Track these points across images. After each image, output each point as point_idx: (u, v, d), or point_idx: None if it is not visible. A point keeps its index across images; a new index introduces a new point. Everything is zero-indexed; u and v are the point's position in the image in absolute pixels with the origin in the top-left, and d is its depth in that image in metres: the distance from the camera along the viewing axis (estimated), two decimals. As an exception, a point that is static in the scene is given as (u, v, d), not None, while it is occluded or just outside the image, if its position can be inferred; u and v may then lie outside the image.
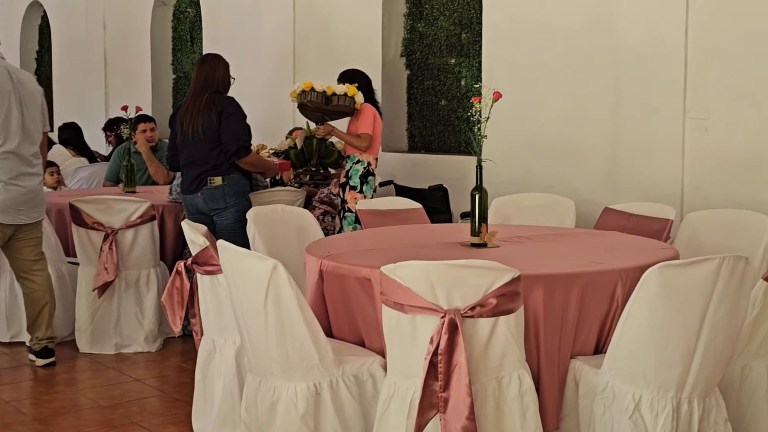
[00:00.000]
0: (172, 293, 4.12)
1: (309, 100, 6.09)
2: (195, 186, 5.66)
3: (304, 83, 6.12)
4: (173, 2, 10.62)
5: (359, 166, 6.20)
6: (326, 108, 6.13)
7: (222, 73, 5.72)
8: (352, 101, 6.12)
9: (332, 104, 6.12)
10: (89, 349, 5.73)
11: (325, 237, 4.75)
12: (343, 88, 6.09)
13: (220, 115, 5.58)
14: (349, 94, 6.11)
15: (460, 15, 7.34)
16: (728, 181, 5.26)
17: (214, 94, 5.64)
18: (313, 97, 6.08)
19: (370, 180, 6.23)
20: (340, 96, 6.10)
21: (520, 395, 3.18)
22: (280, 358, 3.38)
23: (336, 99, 6.11)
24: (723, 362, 3.34)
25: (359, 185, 6.18)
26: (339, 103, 6.11)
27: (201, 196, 5.64)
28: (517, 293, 3.12)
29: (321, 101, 6.09)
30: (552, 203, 5.62)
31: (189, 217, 5.69)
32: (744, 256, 3.21)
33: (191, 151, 5.66)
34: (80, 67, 11.76)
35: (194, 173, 5.66)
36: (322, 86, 6.09)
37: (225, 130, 5.58)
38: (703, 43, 5.35)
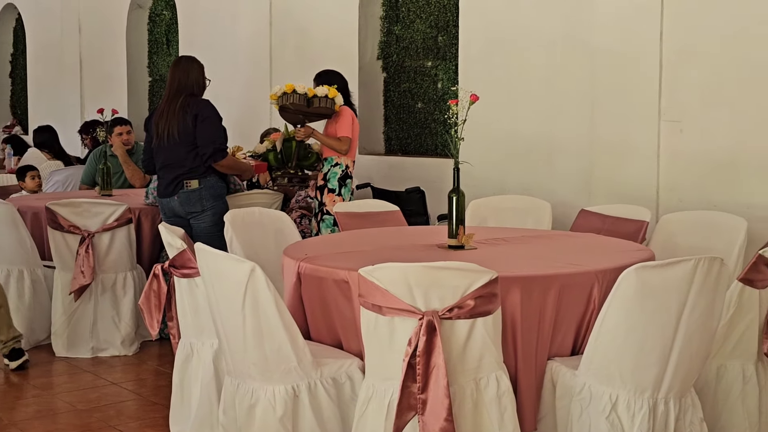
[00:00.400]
0: (150, 296, 4.10)
1: (291, 102, 6.02)
2: (171, 189, 5.65)
3: (286, 85, 6.04)
4: (149, 5, 10.59)
5: (337, 169, 6.16)
6: (307, 110, 6.07)
7: (196, 75, 5.70)
8: (332, 103, 6.07)
9: (313, 106, 6.06)
10: (66, 353, 5.70)
11: (302, 240, 4.75)
12: (324, 90, 6.04)
13: (195, 118, 5.56)
14: (330, 96, 6.06)
15: (436, 18, 7.36)
16: (703, 183, 5.30)
17: (189, 96, 5.62)
18: (295, 99, 6.01)
19: (348, 183, 6.19)
20: (321, 98, 6.05)
21: (497, 397, 3.19)
22: (258, 360, 3.38)
23: (317, 101, 6.05)
24: (699, 363, 3.37)
25: (338, 188, 6.14)
26: (320, 105, 6.05)
27: (177, 200, 5.63)
28: (495, 295, 3.13)
29: (302, 103, 6.03)
30: (528, 205, 5.65)
31: (165, 220, 5.68)
32: (719, 257, 3.24)
33: (167, 155, 5.64)
34: (55, 70, 11.70)
35: (170, 176, 5.65)
36: (304, 88, 6.04)
37: (201, 134, 5.56)
38: (678, 47, 5.39)
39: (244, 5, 8.72)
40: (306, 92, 6.02)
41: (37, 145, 9.28)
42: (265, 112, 8.35)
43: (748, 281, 3.72)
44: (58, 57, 11.62)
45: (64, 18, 11.47)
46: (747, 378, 3.83)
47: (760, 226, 4.90)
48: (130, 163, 7.40)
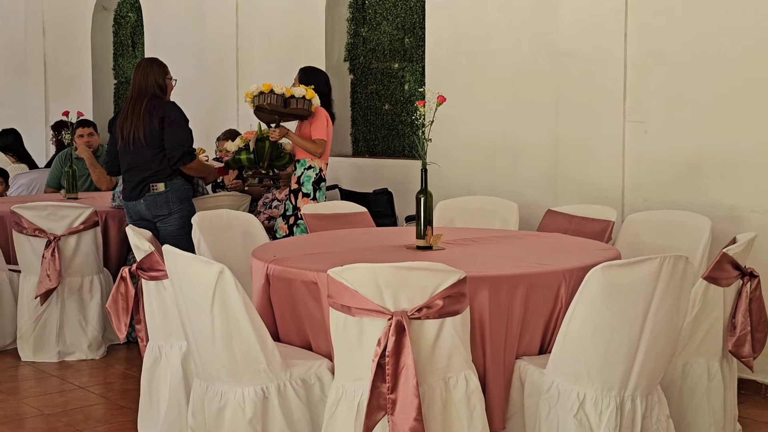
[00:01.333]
0: (117, 299, 4.08)
1: (267, 102, 5.88)
2: (137, 192, 5.63)
3: (264, 85, 5.90)
4: (114, 7, 10.53)
5: (311, 173, 6.04)
6: (283, 110, 5.94)
7: (156, 76, 5.67)
8: (309, 104, 5.95)
9: (290, 107, 5.93)
10: (32, 358, 5.66)
11: (270, 241, 4.75)
12: (302, 91, 5.92)
13: (162, 121, 5.54)
14: (308, 97, 5.94)
15: (403, 20, 7.38)
16: (667, 183, 5.35)
17: (153, 99, 5.60)
18: (272, 99, 5.87)
19: (322, 186, 6.09)
20: (298, 99, 5.92)
21: (466, 396, 3.21)
22: (228, 362, 3.38)
23: (294, 102, 5.92)
24: (665, 360, 3.41)
25: (312, 192, 6.02)
26: (297, 107, 5.93)
27: (144, 203, 5.61)
28: (463, 294, 3.15)
29: (279, 104, 5.89)
30: (495, 206, 5.68)
31: (132, 223, 5.64)
32: (684, 256, 3.28)
33: (132, 158, 5.62)
34: (19, 72, 11.59)
35: (136, 179, 5.62)
36: (282, 88, 5.90)
37: (168, 136, 5.55)
38: (642, 49, 5.44)
39: (210, 7, 8.69)
40: (283, 92, 5.90)
41: (1, 148, 9.19)
42: (232, 114, 8.33)
43: (713, 279, 3.78)
44: (22, 59, 11.52)
45: (27, 20, 11.37)
46: (712, 375, 3.89)
47: (724, 226, 4.96)
48: (97, 166, 7.36)
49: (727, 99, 5.09)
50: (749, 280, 3.87)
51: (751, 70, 5.00)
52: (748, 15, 4.99)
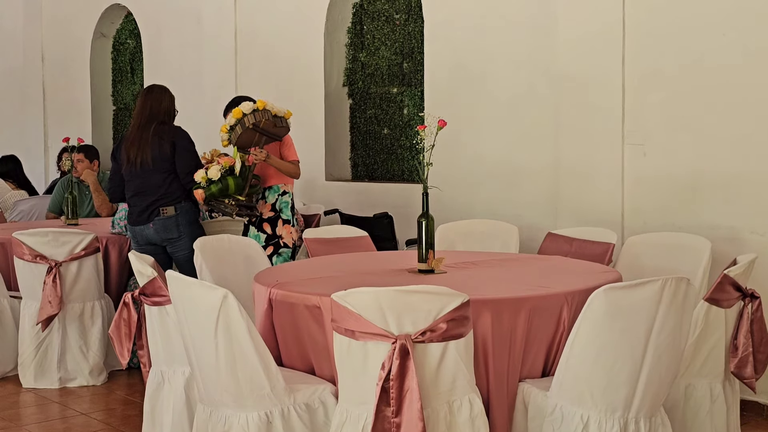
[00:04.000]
0: (120, 325, 4.09)
1: (266, 119, 5.53)
2: (146, 217, 5.64)
3: (258, 101, 5.56)
4: (113, 33, 10.58)
5: (287, 198, 5.79)
6: (271, 131, 5.64)
7: (167, 103, 5.73)
8: (288, 125, 5.70)
9: (276, 127, 5.65)
10: (33, 384, 5.65)
11: (273, 266, 4.76)
12: (284, 110, 5.67)
13: (173, 146, 5.60)
14: (287, 117, 5.68)
15: (401, 45, 7.42)
16: (667, 205, 5.37)
17: (162, 124, 5.64)
18: (268, 116, 5.53)
19: (294, 211, 5.88)
20: (281, 118, 5.64)
21: (471, 419, 3.21)
22: (231, 387, 3.38)
23: (279, 121, 5.63)
24: (668, 382, 3.41)
25: (291, 218, 5.79)
26: (281, 126, 5.64)
27: (153, 227, 5.63)
28: (467, 318, 3.16)
29: (272, 123, 5.58)
30: (496, 229, 5.69)
31: (137, 248, 5.66)
32: (686, 278, 3.29)
33: (140, 182, 5.64)
34: (18, 99, 11.63)
35: (144, 204, 5.64)
36: (272, 106, 5.57)
37: (182, 162, 5.61)
38: (640, 71, 5.47)
39: (208, 33, 8.74)
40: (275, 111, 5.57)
41: (1, 175, 9.21)
42: (231, 140, 8.35)
43: (714, 301, 3.79)
44: (21, 86, 11.56)
45: (26, 46, 11.42)
46: (714, 396, 3.89)
47: (724, 247, 4.97)
48: (101, 192, 7.37)
49: (725, 120, 5.12)
50: (750, 302, 3.89)
51: (749, 91, 5.03)
52: (746, 36, 5.03)
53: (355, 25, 7.75)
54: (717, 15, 5.14)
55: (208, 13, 8.71)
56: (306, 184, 7.74)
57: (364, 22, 7.70)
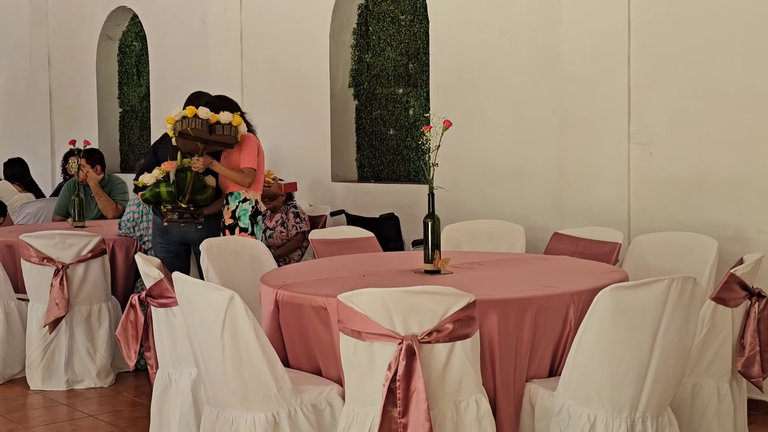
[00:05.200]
0: (127, 327, 4.09)
1: (192, 127, 5.38)
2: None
3: (187, 108, 5.43)
4: (119, 36, 10.59)
5: (247, 206, 5.57)
6: (208, 138, 5.47)
7: None
8: (236, 132, 5.53)
9: (216, 134, 5.47)
10: (41, 386, 5.66)
11: (279, 267, 4.76)
12: (229, 117, 5.50)
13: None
14: (234, 124, 5.51)
15: (406, 46, 7.43)
16: (673, 205, 5.37)
17: None
18: (197, 124, 5.39)
19: (260, 220, 5.64)
20: (224, 125, 5.49)
21: (477, 419, 3.21)
22: (238, 388, 3.39)
23: (220, 128, 5.47)
24: (674, 381, 3.41)
25: (250, 227, 5.57)
26: (223, 134, 5.48)
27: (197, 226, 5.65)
28: (473, 318, 3.16)
29: (204, 129, 5.42)
30: (502, 229, 5.69)
31: (164, 247, 5.67)
32: (692, 277, 3.29)
33: None
34: (24, 102, 11.66)
35: None
36: (207, 113, 5.45)
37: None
38: (645, 70, 5.47)
39: (214, 35, 8.75)
40: (208, 118, 5.46)
41: (7, 177, 9.24)
42: (237, 141, 8.35)
43: (721, 300, 3.79)
44: (27, 89, 11.59)
45: (33, 50, 11.45)
46: (722, 396, 3.89)
47: (731, 246, 4.97)
48: (102, 194, 7.38)
49: (731, 119, 5.12)
50: (757, 301, 3.88)
51: (755, 91, 5.02)
52: (751, 36, 5.03)
53: (361, 26, 7.75)
54: (722, 15, 5.13)
55: (214, 15, 8.72)
56: (312, 185, 7.75)
57: (370, 23, 7.71)
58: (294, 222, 6.71)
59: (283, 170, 7.69)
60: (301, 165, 7.83)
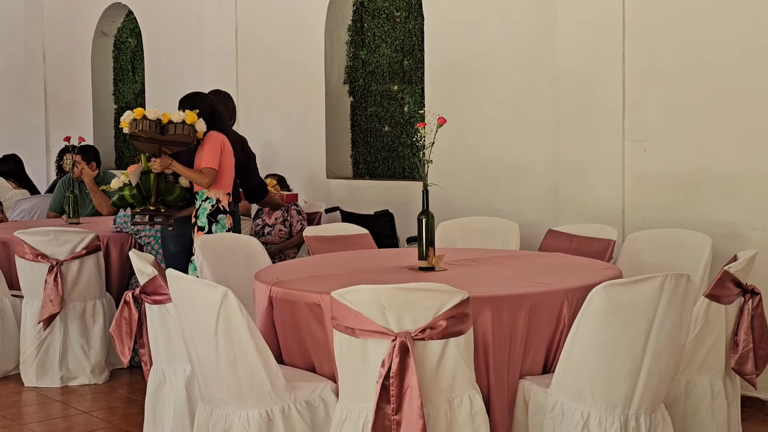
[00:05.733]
0: (121, 324, 4.09)
1: (141, 129, 5.37)
2: None
3: (135, 110, 5.43)
4: (114, 32, 10.58)
5: (207, 204, 5.48)
6: (162, 138, 5.43)
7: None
8: (191, 130, 5.46)
9: (169, 134, 5.43)
10: (35, 383, 5.65)
11: (273, 264, 4.76)
12: (182, 116, 5.46)
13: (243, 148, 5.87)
14: (188, 122, 5.46)
15: (402, 42, 7.42)
16: (668, 201, 5.37)
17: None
18: (145, 126, 5.38)
19: (221, 219, 5.49)
20: (177, 124, 5.43)
21: (471, 416, 3.21)
22: (232, 385, 3.39)
23: (173, 128, 5.43)
24: (668, 378, 3.41)
25: (207, 225, 5.44)
26: (176, 133, 5.43)
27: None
28: (467, 315, 3.16)
29: (155, 131, 5.40)
30: (496, 226, 5.70)
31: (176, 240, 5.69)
32: (686, 274, 3.29)
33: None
34: (19, 98, 11.64)
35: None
36: (156, 113, 5.43)
37: (254, 171, 6.00)
38: (640, 67, 5.47)
39: (209, 32, 8.74)
40: (159, 118, 5.43)
41: (2, 174, 9.21)
42: (232, 138, 8.35)
43: (715, 297, 3.79)
44: (22, 85, 11.56)
45: (27, 45, 11.42)
46: (715, 393, 3.89)
47: (725, 243, 4.97)
48: (97, 191, 7.37)
49: (726, 117, 5.12)
50: (751, 298, 3.89)
51: (749, 88, 5.03)
52: (746, 33, 5.03)
53: (356, 22, 7.75)
54: (717, 12, 5.14)
55: (209, 11, 8.71)
56: (307, 182, 7.75)
57: (365, 19, 7.70)
58: (298, 218, 6.73)
59: (277, 167, 7.68)
60: (295, 161, 7.83)
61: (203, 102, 5.68)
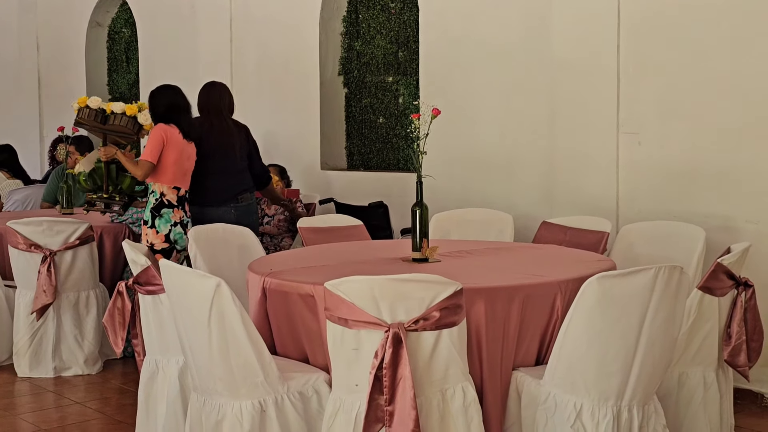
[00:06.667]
0: (114, 314, 4.09)
1: (82, 117, 5.46)
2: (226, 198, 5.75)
3: (78, 99, 5.52)
4: (108, 23, 10.55)
5: (152, 198, 5.50)
6: (104, 127, 5.50)
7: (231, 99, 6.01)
8: (132, 122, 5.52)
9: (109, 124, 5.50)
10: (28, 373, 5.65)
11: (267, 255, 4.75)
12: (121, 107, 5.52)
13: (247, 139, 5.87)
14: (128, 114, 5.50)
15: (396, 33, 7.41)
16: (662, 194, 5.37)
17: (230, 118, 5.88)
18: (85, 114, 5.45)
19: (165, 213, 5.46)
20: (117, 115, 5.49)
21: (464, 407, 3.21)
22: (225, 376, 3.38)
23: (113, 118, 5.49)
24: (661, 370, 3.42)
25: (150, 219, 5.47)
26: (116, 123, 5.50)
27: (234, 212, 5.71)
28: (460, 306, 3.16)
29: (94, 119, 5.47)
30: (491, 218, 5.69)
31: None
32: (679, 266, 3.29)
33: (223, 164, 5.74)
34: (12, 88, 11.60)
35: (225, 185, 5.74)
36: (98, 102, 5.48)
37: (258, 159, 5.94)
38: (635, 59, 5.47)
39: (203, 23, 8.72)
40: (100, 107, 5.49)
41: (-4, 164, 9.19)
42: (227, 129, 8.33)
43: (708, 289, 3.80)
44: (16, 75, 11.53)
45: (21, 36, 11.39)
46: (708, 384, 3.90)
47: (719, 236, 4.98)
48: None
49: (720, 109, 5.12)
50: (744, 290, 3.89)
51: (744, 80, 5.03)
52: (741, 25, 5.03)
53: (351, 13, 7.73)
54: (712, 3, 5.13)
55: (203, 1, 8.69)
56: (302, 174, 7.74)
57: (360, 10, 7.69)
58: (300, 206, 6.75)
59: (272, 158, 7.66)
60: (290, 153, 7.81)
61: (161, 95, 5.66)
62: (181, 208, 5.53)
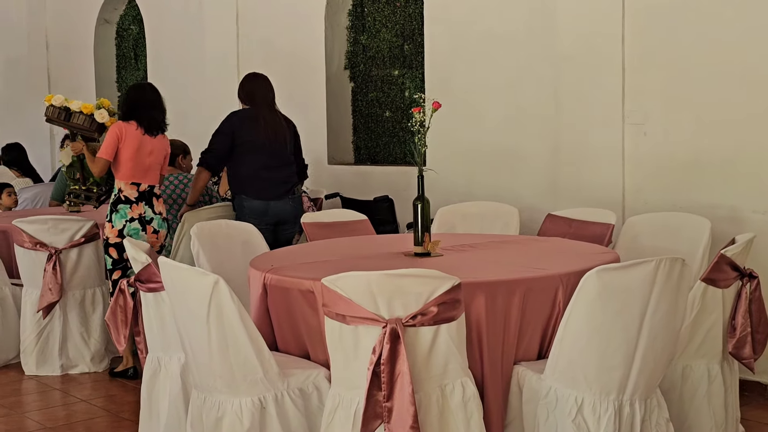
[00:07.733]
0: (116, 312, 4.08)
1: (49, 115, 5.72)
2: (282, 192, 5.79)
3: (47, 97, 5.73)
4: (116, 20, 10.55)
5: (113, 195, 5.58)
6: (68, 125, 5.70)
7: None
8: (89, 120, 5.65)
9: (72, 121, 5.71)
10: (35, 371, 5.66)
11: (269, 251, 4.74)
12: (78, 105, 5.65)
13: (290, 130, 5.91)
14: (85, 112, 5.65)
15: (402, 27, 7.38)
16: (668, 185, 5.34)
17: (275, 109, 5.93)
18: (50, 112, 5.69)
19: (122, 209, 5.48)
20: (76, 113, 5.67)
21: (463, 402, 3.19)
22: (224, 373, 3.37)
23: (75, 117, 5.69)
24: (663, 363, 3.39)
25: (109, 214, 5.54)
26: (76, 122, 5.70)
27: (292, 203, 5.81)
28: (458, 301, 3.14)
29: (61, 118, 5.67)
30: (496, 211, 5.66)
31: (264, 226, 5.47)
32: (680, 258, 3.26)
33: (275, 159, 5.78)
34: (23, 87, 11.62)
35: (280, 178, 5.79)
36: (61, 100, 5.65)
37: (300, 155, 6.00)
38: (639, 51, 5.43)
39: (210, 19, 8.71)
40: (63, 105, 5.67)
41: (5, 162, 9.22)
42: (234, 125, 8.32)
43: (711, 281, 3.76)
44: (25, 73, 11.55)
45: (30, 34, 11.41)
46: (712, 377, 3.86)
47: (725, 227, 4.94)
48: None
49: (726, 99, 5.08)
50: (749, 281, 3.85)
51: (749, 71, 4.98)
52: (745, 15, 4.98)
53: (356, 7, 7.71)
54: (716, -8, 5.09)
55: (210, -3, 8.69)
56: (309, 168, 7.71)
57: (365, 4, 7.66)
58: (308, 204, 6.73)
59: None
60: (297, 148, 7.79)
61: (127, 94, 5.79)
62: (147, 203, 5.54)
